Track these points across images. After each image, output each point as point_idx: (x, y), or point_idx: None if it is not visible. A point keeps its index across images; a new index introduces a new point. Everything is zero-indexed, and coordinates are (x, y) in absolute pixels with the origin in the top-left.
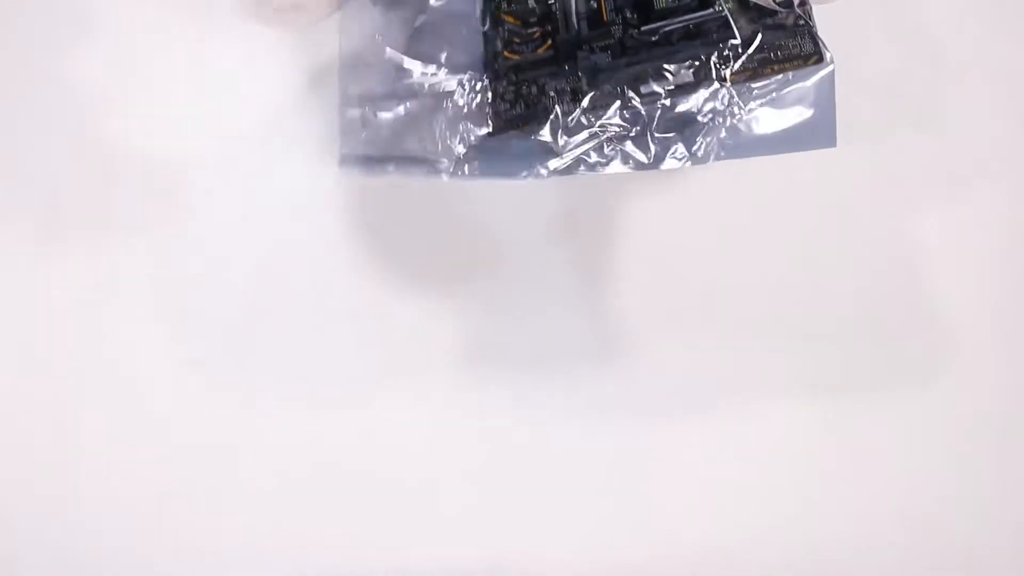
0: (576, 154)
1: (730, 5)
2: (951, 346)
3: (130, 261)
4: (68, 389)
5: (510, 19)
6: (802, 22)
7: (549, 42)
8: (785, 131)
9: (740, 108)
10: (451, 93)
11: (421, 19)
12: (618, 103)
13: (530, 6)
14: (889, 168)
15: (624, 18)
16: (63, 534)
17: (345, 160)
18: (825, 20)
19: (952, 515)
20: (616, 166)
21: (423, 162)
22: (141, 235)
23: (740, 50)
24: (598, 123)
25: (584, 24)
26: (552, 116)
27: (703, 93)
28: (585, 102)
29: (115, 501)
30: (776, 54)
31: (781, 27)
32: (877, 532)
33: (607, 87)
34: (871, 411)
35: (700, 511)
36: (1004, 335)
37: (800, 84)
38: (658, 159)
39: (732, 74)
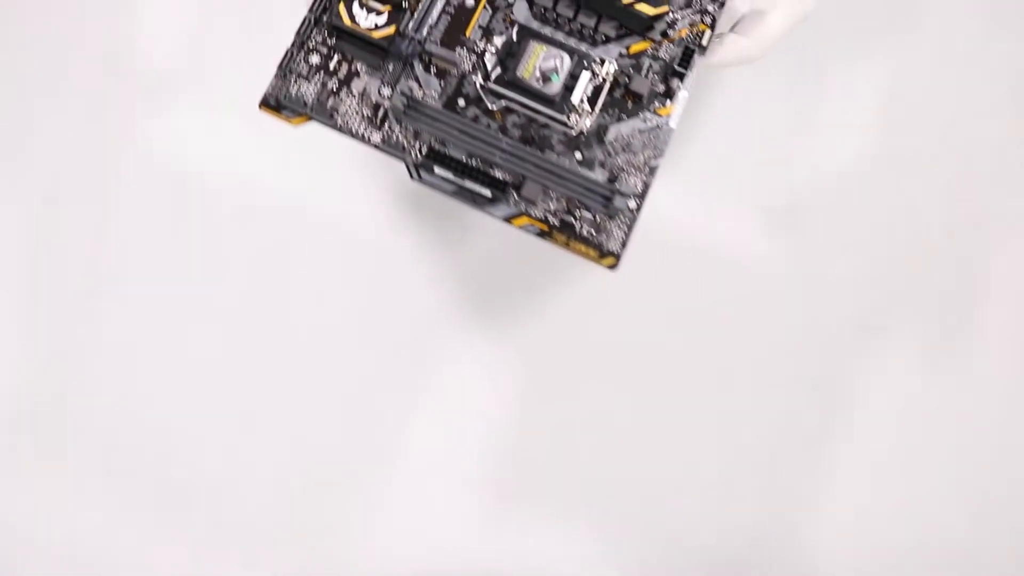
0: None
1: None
2: None
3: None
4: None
5: None
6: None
7: (392, 29)
8: None
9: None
10: None
11: None
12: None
13: None
14: None
15: (483, 52)
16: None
17: None
18: None
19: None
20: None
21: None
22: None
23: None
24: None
25: (439, 29)
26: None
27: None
28: (376, 139)
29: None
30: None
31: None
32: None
33: (420, 133)
34: None
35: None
36: None
37: None
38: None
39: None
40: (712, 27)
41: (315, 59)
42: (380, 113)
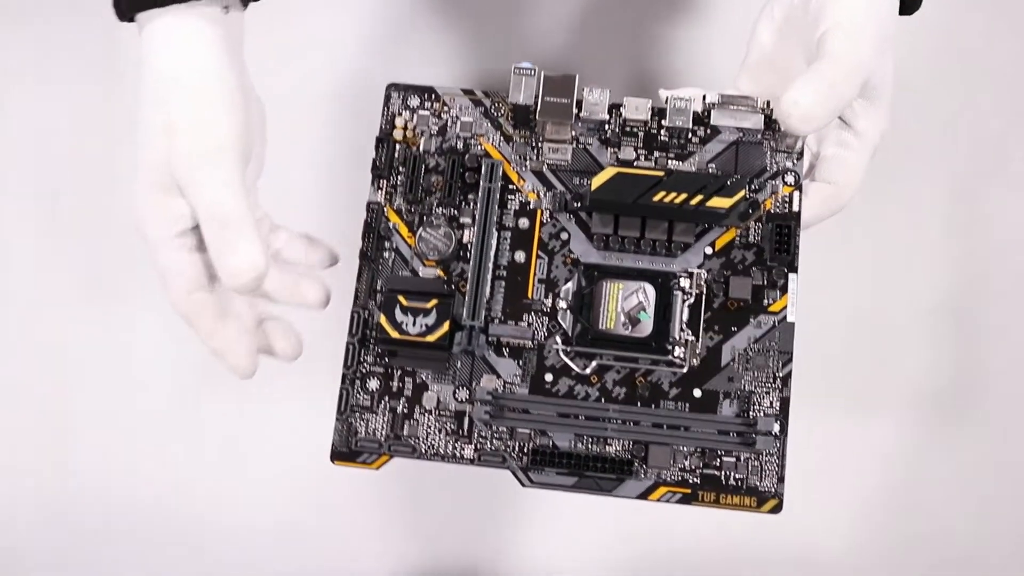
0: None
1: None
2: None
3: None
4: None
5: (400, 293)
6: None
7: (446, 325)
8: None
9: None
10: None
11: None
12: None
13: (432, 242)
14: None
15: (553, 310)
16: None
17: None
18: None
19: None
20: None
21: None
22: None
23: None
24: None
25: (497, 301)
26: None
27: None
28: (469, 453)
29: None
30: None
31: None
32: None
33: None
34: None
35: None
36: None
37: None
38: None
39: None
40: (798, 186)
41: (373, 384)
42: (465, 421)
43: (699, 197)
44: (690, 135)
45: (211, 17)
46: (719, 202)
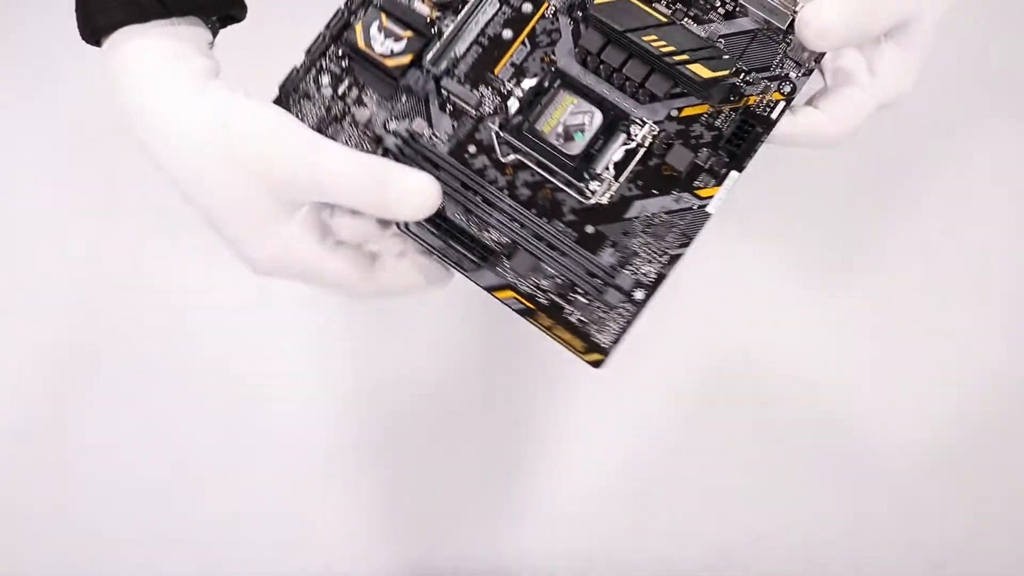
0: None
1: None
2: None
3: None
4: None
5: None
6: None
7: (408, 58)
8: None
9: None
10: None
11: None
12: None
13: None
14: None
15: (509, 94)
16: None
17: None
18: None
19: None
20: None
21: None
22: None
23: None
24: None
25: (466, 62)
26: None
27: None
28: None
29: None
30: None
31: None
32: None
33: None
34: None
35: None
36: None
37: None
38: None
39: None
40: (789, 99)
41: (325, 80)
42: (380, 149)
43: (684, 56)
44: (717, 4)
45: (198, 44)
46: (698, 69)
